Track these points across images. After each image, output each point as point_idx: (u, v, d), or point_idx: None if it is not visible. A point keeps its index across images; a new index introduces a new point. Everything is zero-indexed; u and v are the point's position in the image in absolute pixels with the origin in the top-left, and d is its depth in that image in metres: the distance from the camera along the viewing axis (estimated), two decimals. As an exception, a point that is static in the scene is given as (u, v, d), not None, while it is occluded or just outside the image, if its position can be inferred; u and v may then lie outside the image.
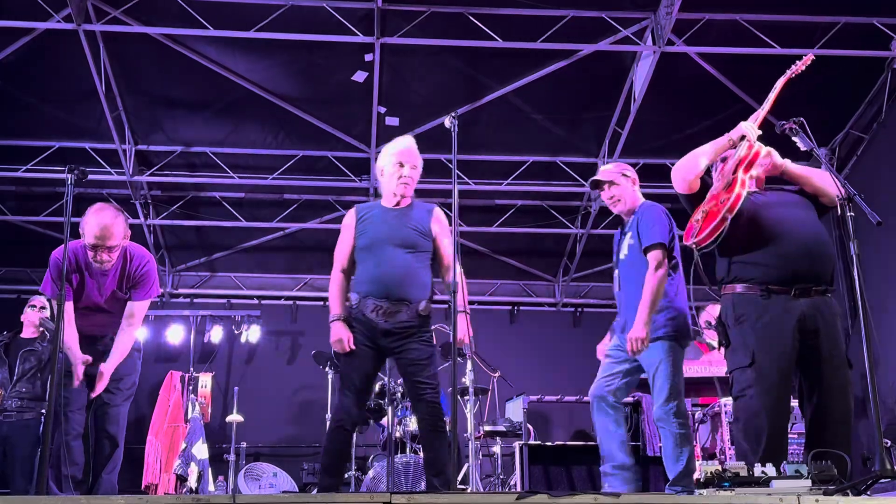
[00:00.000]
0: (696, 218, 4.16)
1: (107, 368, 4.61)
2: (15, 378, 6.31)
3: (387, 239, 4.47)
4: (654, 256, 4.52)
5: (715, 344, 7.12)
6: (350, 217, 4.61)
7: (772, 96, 4.23)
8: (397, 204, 4.57)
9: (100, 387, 4.56)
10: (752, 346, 3.90)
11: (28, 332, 6.53)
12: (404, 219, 4.53)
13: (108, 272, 4.63)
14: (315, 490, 4.68)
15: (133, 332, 4.75)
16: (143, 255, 4.75)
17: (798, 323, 3.89)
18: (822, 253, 4.01)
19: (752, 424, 3.85)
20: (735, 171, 4.06)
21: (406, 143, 4.65)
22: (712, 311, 7.23)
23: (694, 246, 4.10)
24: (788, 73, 4.28)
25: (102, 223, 4.49)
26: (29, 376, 6.33)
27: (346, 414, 4.40)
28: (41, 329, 6.27)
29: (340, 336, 4.40)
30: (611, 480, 4.52)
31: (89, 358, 4.53)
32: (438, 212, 4.63)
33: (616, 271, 4.80)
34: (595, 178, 4.97)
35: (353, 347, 4.38)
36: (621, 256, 4.77)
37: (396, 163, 4.56)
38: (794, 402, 4.31)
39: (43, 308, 6.42)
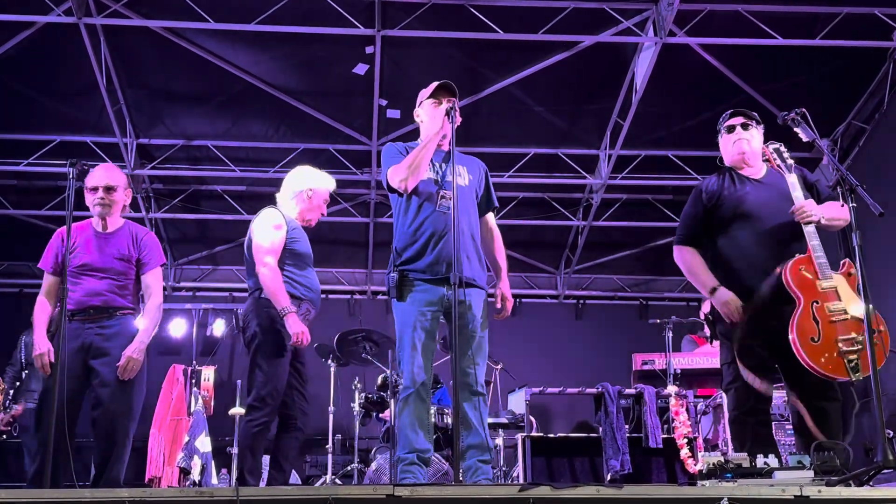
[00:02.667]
0: (846, 346, 3.83)
1: (132, 350, 4.48)
2: None
3: (311, 255, 4.90)
4: (494, 220, 4.50)
5: None
6: (281, 219, 4.80)
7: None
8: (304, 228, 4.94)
9: (128, 374, 4.47)
10: (733, 345, 4.07)
11: None
12: None
13: (112, 236, 4.70)
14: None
15: (155, 305, 4.69)
16: (143, 228, 4.90)
17: (773, 323, 3.94)
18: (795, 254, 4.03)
19: (735, 416, 4.08)
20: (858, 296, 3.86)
21: (332, 183, 5.04)
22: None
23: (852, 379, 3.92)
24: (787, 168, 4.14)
25: (104, 167, 4.85)
26: None
27: (274, 416, 4.57)
28: None
29: (304, 328, 4.53)
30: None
31: (49, 347, 4.40)
32: None
33: (445, 191, 4.12)
34: (453, 86, 4.34)
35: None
36: (460, 182, 4.20)
37: (326, 197, 5.00)
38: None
39: None
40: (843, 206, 3.82)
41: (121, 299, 4.61)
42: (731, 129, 4.30)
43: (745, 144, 4.23)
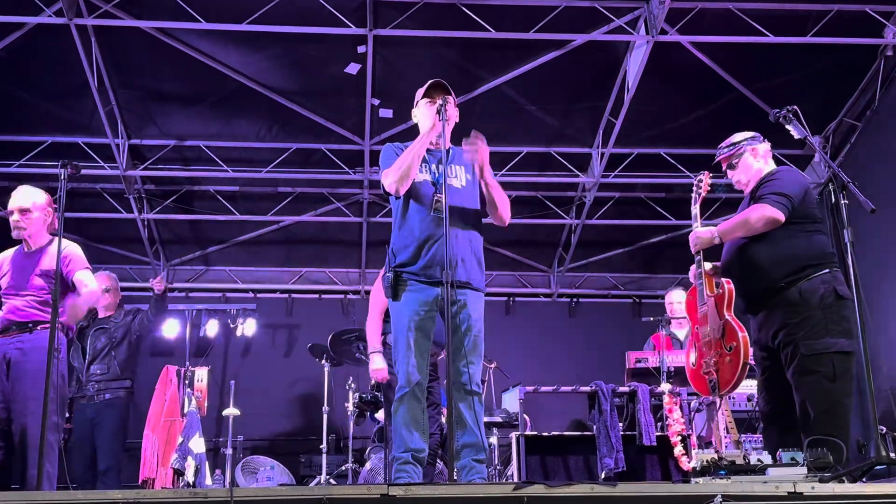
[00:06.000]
0: (705, 368, 4.17)
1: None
2: (87, 360, 6.39)
3: None
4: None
5: (681, 337, 7.15)
6: None
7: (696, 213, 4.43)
8: None
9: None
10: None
11: (102, 313, 6.66)
12: None
13: (36, 254, 4.80)
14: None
15: (89, 293, 4.76)
16: (65, 242, 4.82)
17: (756, 334, 4.16)
18: (749, 275, 4.16)
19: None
20: (721, 315, 4.12)
21: None
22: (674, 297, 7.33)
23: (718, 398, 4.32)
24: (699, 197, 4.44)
25: (21, 189, 4.98)
26: (102, 356, 6.41)
27: None
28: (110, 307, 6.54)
29: None
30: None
31: None
32: None
33: (440, 195, 4.04)
34: (445, 85, 4.32)
35: None
36: (455, 184, 4.24)
37: None
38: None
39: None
40: (757, 206, 4.06)
41: (41, 314, 4.70)
42: None
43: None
